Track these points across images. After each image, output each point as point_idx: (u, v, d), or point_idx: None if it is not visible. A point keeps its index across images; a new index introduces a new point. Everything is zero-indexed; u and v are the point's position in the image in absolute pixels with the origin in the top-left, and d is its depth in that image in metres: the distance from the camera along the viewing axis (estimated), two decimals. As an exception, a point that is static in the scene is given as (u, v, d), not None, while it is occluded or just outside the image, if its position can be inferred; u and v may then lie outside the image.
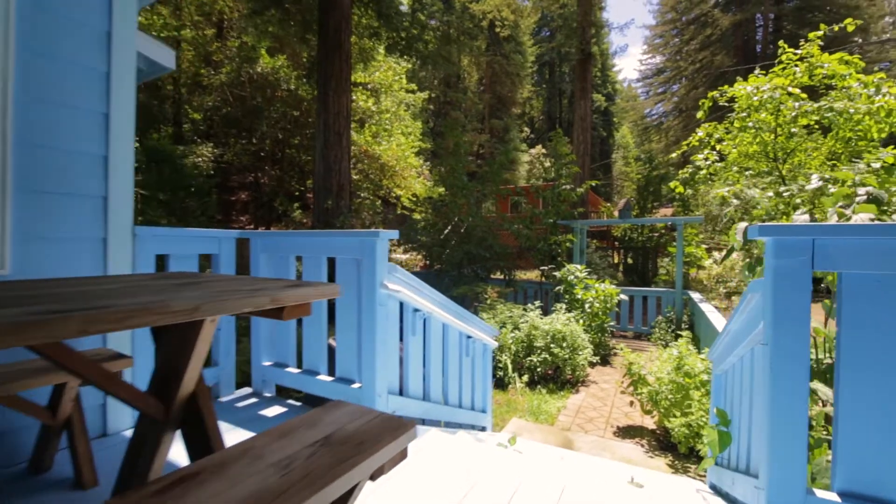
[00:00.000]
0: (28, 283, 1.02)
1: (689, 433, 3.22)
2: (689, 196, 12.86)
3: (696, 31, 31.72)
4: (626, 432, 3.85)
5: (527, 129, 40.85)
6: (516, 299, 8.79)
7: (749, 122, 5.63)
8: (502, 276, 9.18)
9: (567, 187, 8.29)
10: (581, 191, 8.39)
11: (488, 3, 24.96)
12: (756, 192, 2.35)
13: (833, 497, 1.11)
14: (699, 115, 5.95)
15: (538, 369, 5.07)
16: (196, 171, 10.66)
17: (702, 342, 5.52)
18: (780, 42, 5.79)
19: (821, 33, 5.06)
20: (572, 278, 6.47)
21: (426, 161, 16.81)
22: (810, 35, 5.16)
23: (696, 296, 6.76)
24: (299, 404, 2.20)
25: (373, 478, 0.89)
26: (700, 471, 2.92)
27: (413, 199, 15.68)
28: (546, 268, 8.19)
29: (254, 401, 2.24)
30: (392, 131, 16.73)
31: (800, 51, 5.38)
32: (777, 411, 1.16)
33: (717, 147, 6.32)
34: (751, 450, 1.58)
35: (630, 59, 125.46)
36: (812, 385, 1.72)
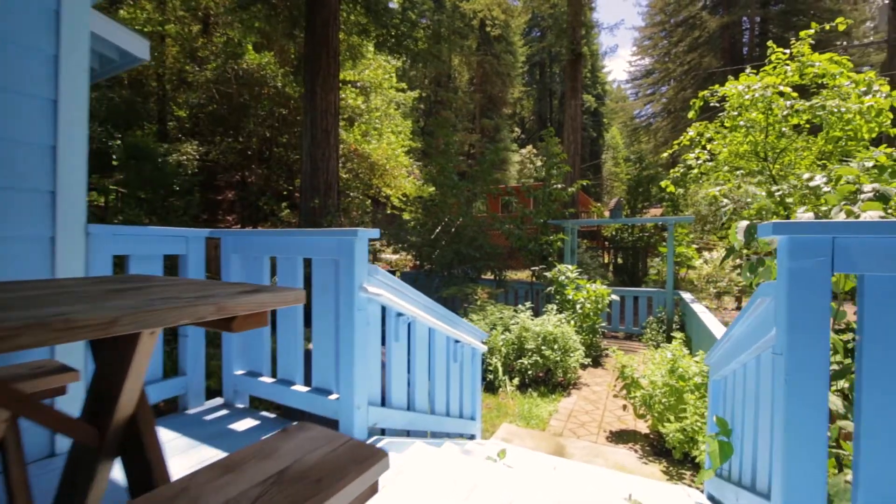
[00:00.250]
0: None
1: (683, 438, 3.13)
2: (678, 196, 12.92)
3: (685, 33, 32.04)
4: (619, 437, 3.75)
5: (517, 129, 40.90)
6: (507, 300, 8.69)
7: (740, 121, 5.59)
8: (493, 277, 9.08)
9: (558, 186, 8.21)
10: (572, 190, 8.32)
11: (479, 2, 24.92)
12: (757, 189, 2.28)
13: (856, 524, 1.00)
14: (690, 114, 5.91)
15: (529, 372, 4.96)
16: (179, 169, 10.36)
17: (694, 343, 5.47)
18: (769, 42, 5.76)
19: (812, 32, 5.03)
20: (563, 279, 6.38)
21: (417, 160, 16.65)
22: (801, 34, 5.13)
23: (687, 296, 6.72)
24: (273, 416, 2.04)
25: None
26: (699, 483, 2.82)
27: (403, 198, 15.52)
28: (537, 268, 8.10)
29: (224, 413, 2.08)
30: (382, 130, 16.55)
31: (789, 50, 5.35)
32: (793, 429, 1.04)
33: (708, 146, 6.28)
34: (757, 464, 1.47)
35: (619, 61, 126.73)
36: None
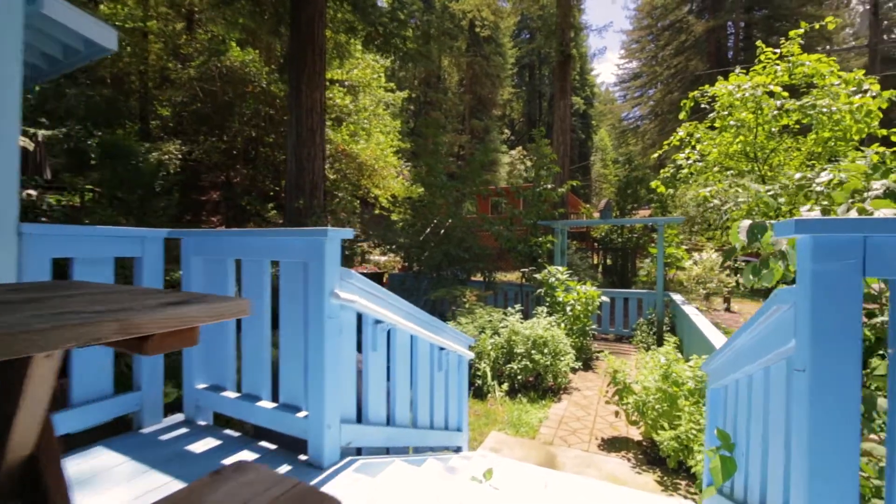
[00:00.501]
0: None
1: (678, 447, 3.01)
2: (667, 197, 12.95)
3: (671, 37, 32.43)
4: (612, 445, 3.62)
5: (507, 130, 40.97)
6: (496, 302, 8.56)
7: (730, 121, 5.54)
8: (482, 279, 8.94)
9: (548, 187, 8.11)
10: (562, 191, 8.23)
11: (468, 2, 24.85)
12: (759, 186, 2.18)
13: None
14: (682, 115, 5.84)
15: (519, 377, 4.82)
16: (161, 168, 10.02)
17: (685, 345, 5.38)
18: (758, 42, 5.73)
19: (801, 31, 5.00)
20: (553, 280, 6.26)
21: (406, 161, 16.47)
22: (791, 33, 5.09)
23: (677, 297, 6.66)
24: (237, 435, 1.86)
25: None
26: (695, 495, 2.70)
27: (392, 199, 15.33)
28: (527, 270, 7.98)
29: (183, 431, 1.88)
30: (370, 130, 16.33)
31: (779, 50, 5.32)
32: (819, 458, 0.90)
33: (698, 147, 6.23)
34: (768, 487, 1.34)
35: (608, 64, 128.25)
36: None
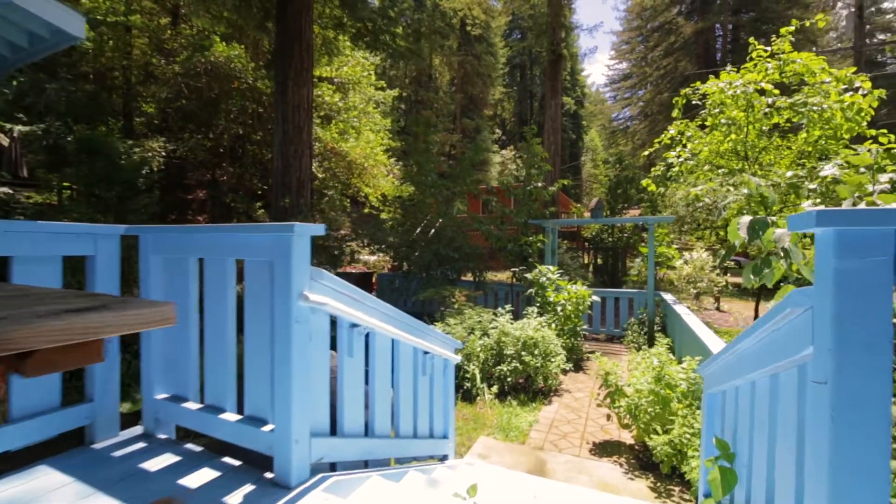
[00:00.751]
0: None
1: (671, 452, 2.92)
2: (657, 196, 12.97)
3: (661, 38, 32.67)
4: (603, 449, 3.52)
5: (498, 130, 40.97)
6: (486, 302, 8.45)
7: (721, 119, 5.50)
8: (473, 278, 8.82)
9: (538, 185, 8.01)
10: (553, 189, 8.15)
11: (459, 0, 24.71)
12: (760, 179, 2.10)
13: None
14: (674, 112, 5.79)
15: (509, 379, 4.70)
16: (140, 165, 9.72)
17: (677, 346, 5.32)
18: (750, 39, 5.69)
19: (792, 28, 4.96)
20: (544, 280, 6.17)
21: (397, 160, 16.31)
22: (782, 30, 5.05)
23: (668, 297, 6.61)
24: (200, 450, 1.70)
25: None
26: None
27: (382, 198, 15.15)
28: (517, 269, 7.88)
29: (141, 447, 1.72)
30: (360, 128, 16.14)
31: (770, 47, 5.28)
32: (841, 480, 0.79)
33: (689, 145, 6.18)
34: None
35: (598, 65, 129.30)
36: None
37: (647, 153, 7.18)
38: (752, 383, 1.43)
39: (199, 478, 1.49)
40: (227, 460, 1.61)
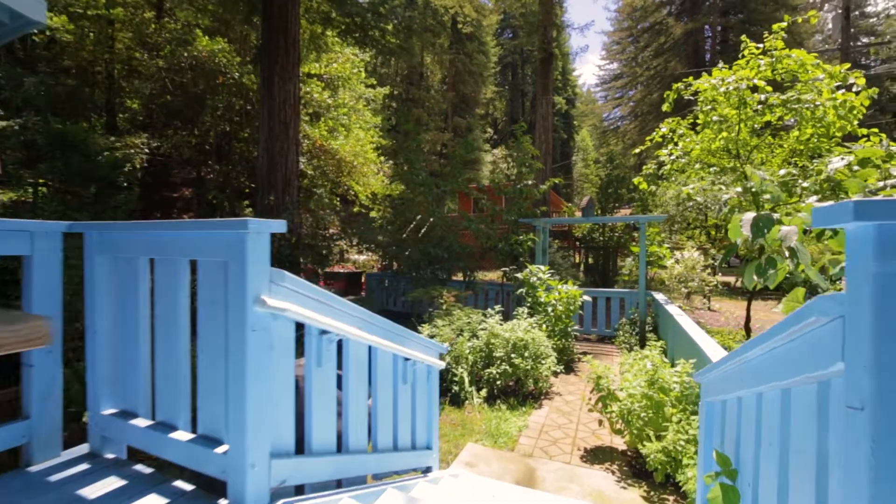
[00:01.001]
0: None
1: (665, 460, 2.80)
2: (648, 196, 12.96)
3: (651, 39, 32.85)
4: (595, 455, 3.40)
5: (490, 129, 40.90)
6: (477, 302, 8.32)
7: (713, 117, 5.41)
8: (463, 278, 8.68)
9: (529, 183, 7.89)
10: (544, 188, 8.03)
11: (450, -2, 24.50)
12: (764, 173, 1.99)
13: None
14: (665, 106, 5.69)
15: (498, 382, 4.57)
16: (117, 162, 9.40)
17: (669, 347, 5.23)
18: (742, 37, 5.62)
19: (785, 24, 4.89)
20: (535, 280, 6.04)
21: (387, 159, 16.11)
22: (774, 26, 4.98)
23: (660, 297, 6.53)
24: (150, 472, 1.52)
25: None
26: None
27: (371, 197, 14.94)
28: (508, 269, 7.76)
29: (83, 468, 1.54)
30: (350, 126, 15.90)
31: (762, 44, 5.21)
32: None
33: (680, 143, 6.10)
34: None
35: (589, 66, 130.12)
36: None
37: (637, 151, 7.11)
38: (759, 395, 1.30)
39: (144, 506, 1.32)
40: (178, 485, 1.44)
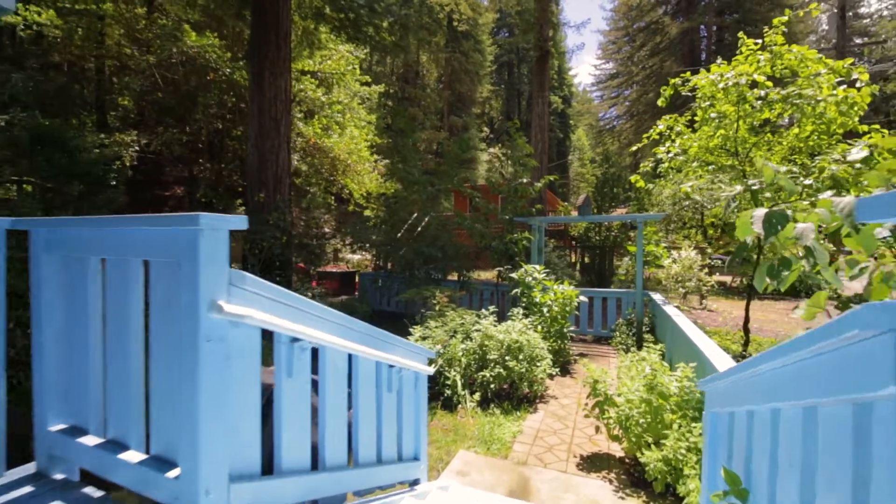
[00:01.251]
0: None
1: (665, 469, 2.68)
2: (644, 195, 12.87)
3: (647, 38, 32.85)
4: (592, 463, 3.27)
5: (486, 128, 40.78)
6: (471, 302, 8.19)
7: (711, 113, 5.30)
8: (458, 278, 8.55)
9: (524, 181, 7.75)
10: (540, 185, 7.91)
11: (446, -5, 24.33)
12: (778, 166, 1.89)
13: None
14: (660, 101, 5.57)
15: (492, 385, 4.43)
16: (104, 159, 9.17)
17: (667, 348, 5.11)
18: (739, 34, 5.51)
19: (785, 19, 4.78)
20: (530, 280, 5.91)
21: (383, 157, 15.95)
22: (774, 21, 4.86)
23: (657, 297, 6.42)
24: (99, 495, 1.37)
25: None
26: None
27: (366, 195, 14.77)
28: (503, 268, 7.63)
29: (27, 491, 1.39)
30: (344, 124, 15.72)
31: (761, 40, 5.10)
32: None
33: (678, 141, 5.98)
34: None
35: (585, 66, 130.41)
36: None
37: (634, 149, 7.00)
38: (775, 412, 1.17)
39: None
40: (129, 511, 1.29)
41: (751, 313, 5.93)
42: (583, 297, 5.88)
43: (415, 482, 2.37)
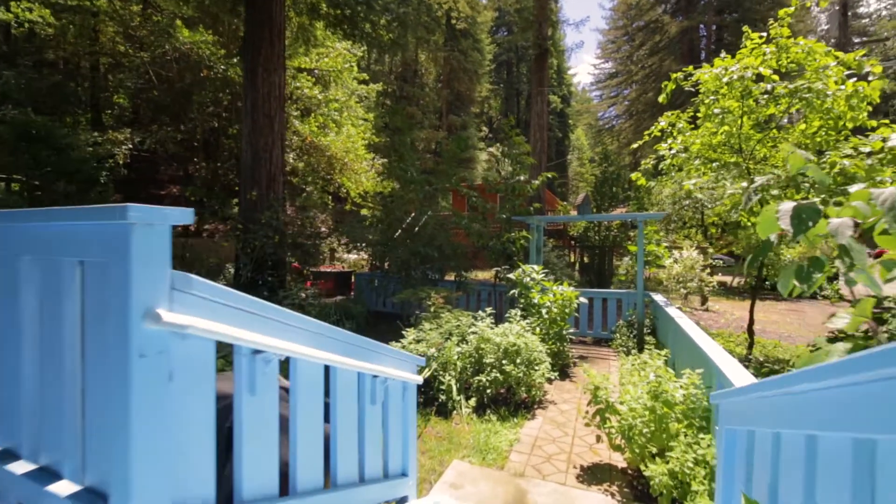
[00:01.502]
0: None
1: (672, 483, 2.51)
2: (644, 195, 12.71)
3: (646, 37, 32.72)
4: (593, 474, 3.10)
5: (485, 128, 40.64)
6: (468, 303, 8.02)
7: (715, 109, 5.13)
8: (455, 278, 8.37)
9: (521, 178, 7.58)
10: (537, 183, 7.73)
11: (444, -7, 24.12)
12: (808, 154, 1.75)
13: None
14: (661, 98, 5.41)
15: (488, 390, 4.26)
16: (92, 156, 8.97)
17: (670, 351, 4.94)
18: (744, 27, 5.34)
19: (792, 10, 4.61)
20: (528, 280, 5.74)
21: (381, 157, 15.79)
22: (780, 13, 4.69)
23: (659, 298, 6.25)
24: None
25: None
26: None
27: (363, 194, 14.60)
28: (500, 268, 7.45)
29: (-52, 526, 1.21)
30: (341, 122, 15.53)
31: (766, 33, 4.93)
32: None
33: (680, 138, 5.82)
34: None
35: (585, 65, 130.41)
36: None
37: (636, 146, 6.83)
38: (812, 439, 1.00)
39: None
40: (59, 552, 1.11)
41: (757, 315, 5.76)
42: (583, 299, 5.71)
43: (402, 500, 2.20)
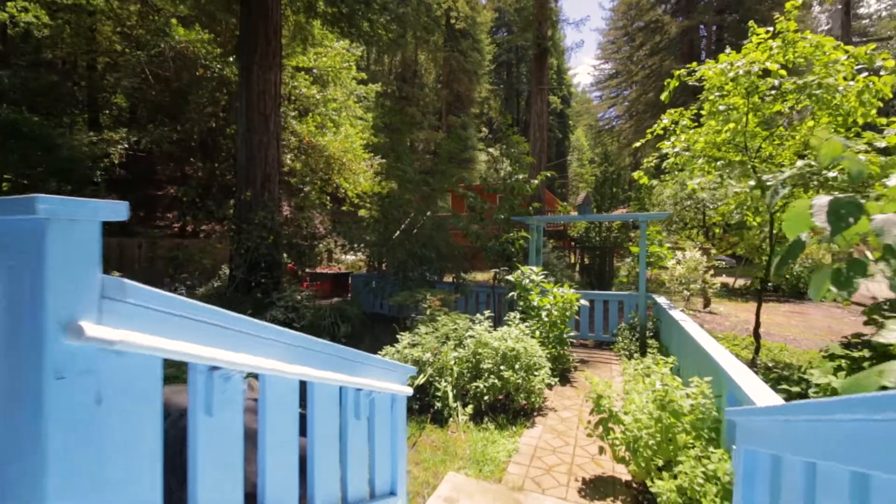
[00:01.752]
0: None
1: (680, 501, 2.35)
2: (644, 196, 12.56)
3: (646, 38, 32.58)
4: (595, 488, 2.94)
5: (485, 128, 40.50)
6: (466, 306, 7.86)
7: (720, 106, 4.98)
8: (452, 280, 8.22)
9: (520, 177, 7.43)
10: (536, 182, 7.58)
11: (444, -7, 24.02)
12: (848, 141, 1.61)
13: None
14: (664, 96, 5.25)
15: (486, 397, 4.09)
16: (94, 156, 8.83)
17: (674, 355, 4.78)
18: (750, 22, 5.18)
19: (798, 2, 4.46)
20: (527, 282, 5.58)
21: (380, 157, 15.68)
22: (787, 5, 4.54)
23: (662, 301, 6.09)
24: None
25: None
26: None
27: (361, 195, 14.46)
28: (499, 270, 7.30)
29: None
30: (340, 122, 15.38)
31: (772, 27, 4.78)
32: None
33: (684, 136, 5.66)
34: None
35: (585, 66, 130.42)
36: None
37: (638, 145, 6.68)
38: (862, 477, 0.84)
39: None
40: None
41: (763, 318, 5.60)
42: (584, 301, 5.55)
43: (390, 521, 2.04)
